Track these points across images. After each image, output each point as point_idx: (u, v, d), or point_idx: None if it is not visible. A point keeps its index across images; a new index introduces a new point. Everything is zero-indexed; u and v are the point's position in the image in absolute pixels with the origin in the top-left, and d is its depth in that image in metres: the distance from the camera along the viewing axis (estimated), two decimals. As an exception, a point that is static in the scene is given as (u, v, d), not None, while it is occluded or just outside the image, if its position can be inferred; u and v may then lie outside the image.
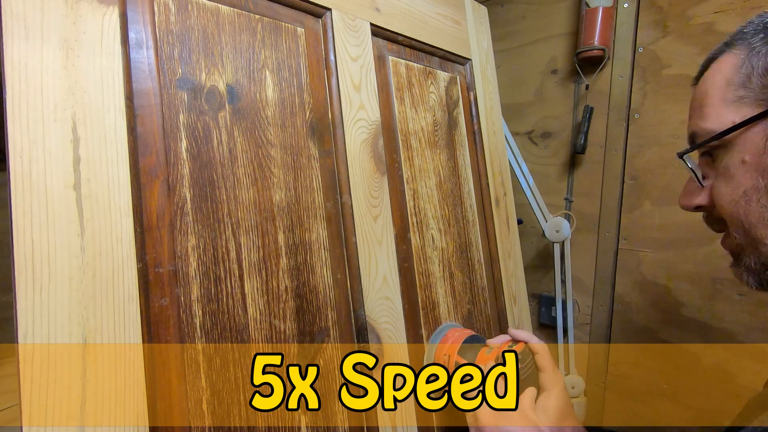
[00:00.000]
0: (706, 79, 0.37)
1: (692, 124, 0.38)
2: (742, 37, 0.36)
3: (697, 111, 0.37)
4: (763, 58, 0.33)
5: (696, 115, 0.38)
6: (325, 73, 0.55)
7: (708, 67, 0.38)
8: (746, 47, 0.34)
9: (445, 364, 0.59)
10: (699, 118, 0.37)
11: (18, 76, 0.32)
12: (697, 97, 0.38)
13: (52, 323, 0.32)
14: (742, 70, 0.34)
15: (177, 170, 0.41)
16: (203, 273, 0.41)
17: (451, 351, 0.59)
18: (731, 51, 0.36)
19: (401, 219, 0.61)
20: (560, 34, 1.04)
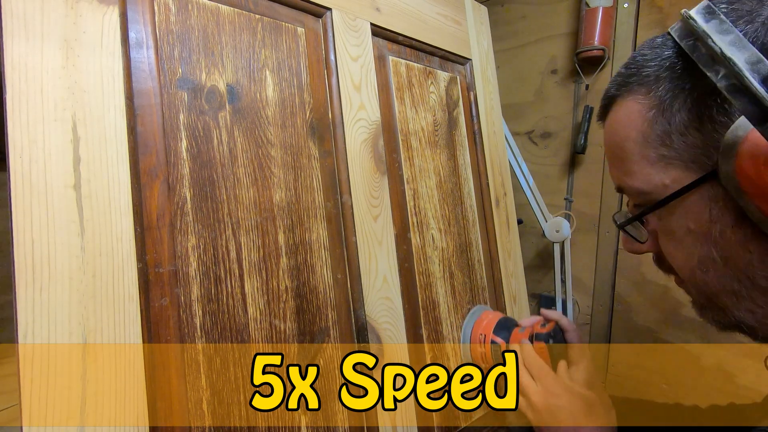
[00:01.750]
0: (616, 126, 0.34)
1: (617, 178, 0.35)
2: (642, 81, 0.31)
3: (618, 164, 0.34)
4: (678, 115, 0.29)
5: (618, 167, 0.34)
6: (325, 72, 0.55)
7: (610, 107, 0.35)
8: (653, 98, 0.30)
9: (480, 343, 0.63)
10: (624, 174, 0.33)
11: (18, 76, 0.32)
12: (611, 145, 0.34)
13: (52, 323, 0.32)
14: (657, 127, 0.30)
15: (177, 170, 0.41)
16: (203, 273, 0.41)
17: (486, 330, 0.63)
18: (633, 96, 0.32)
19: (401, 219, 0.61)
20: (560, 34, 1.04)
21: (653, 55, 0.31)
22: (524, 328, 0.59)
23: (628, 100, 0.32)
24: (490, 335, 0.63)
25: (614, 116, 0.34)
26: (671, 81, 0.29)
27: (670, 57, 0.30)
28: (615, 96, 0.34)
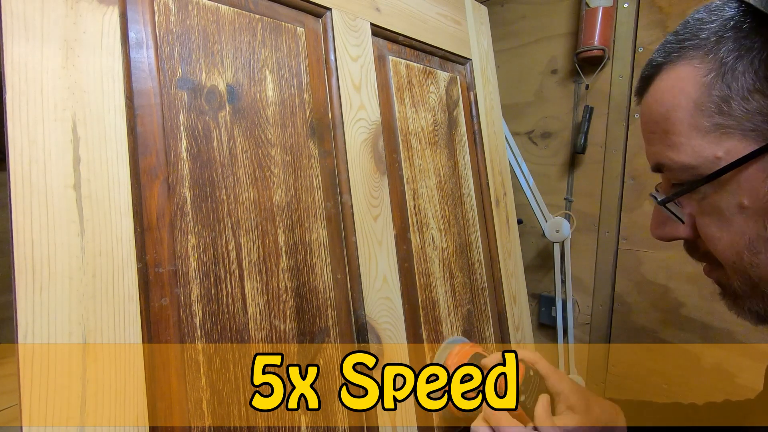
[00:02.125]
0: (663, 95, 0.31)
1: (657, 154, 0.32)
2: (699, 44, 0.29)
3: (661, 137, 0.31)
4: (742, 78, 0.27)
5: (660, 141, 0.31)
6: (325, 72, 0.55)
7: (654, 77, 0.32)
8: (712, 61, 0.28)
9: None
10: (667, 148, 0.31)
11: (18, 76, 0.32)
12: (654, 119, 0.32)
13: (52, 323, 0.32)
14: (715, 93, 0.28)
15: (177, 170, 0.41)
16: (203, 273, 0.41)
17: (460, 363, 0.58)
18: (686, 61, 0.29)
19: (401, 219, 0.61)
20: (560, 34, 1.04)
21: (713, 17, 0.29)
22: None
23: (680, 65, 0.30)
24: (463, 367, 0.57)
25: (660, 85, 0.31)
26: (736, 41, 0.27)
27: (734, 16, 0.28)
28: (662, 64, 0.31)
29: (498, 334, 0.75)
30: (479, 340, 0.71)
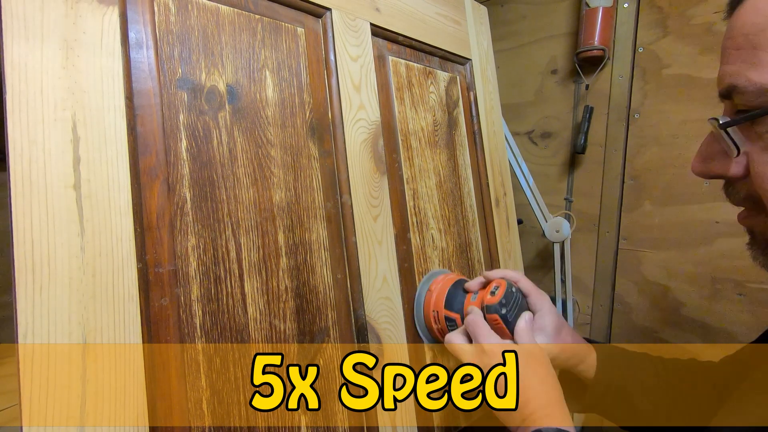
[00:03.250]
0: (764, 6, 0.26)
1: (734, 74, 0.28)
2: None
3: (746, 54, 0.27)
4: None
5: (743, 59, 0.27)
6: (325, 73, 0.55)
7: None
8: None
9: (434, 321, 0.59)
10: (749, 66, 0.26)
11: (18, 76, 0.32)
12: (745, 31, 0.27)
13: (52, 323, 0.32)
14: None
15: (177, 170, 0.41)
16: (203, 273, 0.41)
17: (438, 306, 0.59)
18: None
19: (401, 219, 0.61)
20: (560, 34, 1.04)
21: None
22: (476, 295, 0.56)
23: None
24: (442, 312, 0.58)
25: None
26: None
27: None
28: None
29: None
30: (479, 340, 0.71)
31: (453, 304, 0.58)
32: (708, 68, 0.82)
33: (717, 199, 0.82)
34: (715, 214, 0.83)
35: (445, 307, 0.58)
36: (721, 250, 0.83)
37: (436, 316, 0.59)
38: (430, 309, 0.60)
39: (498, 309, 0.50)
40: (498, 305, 0.50)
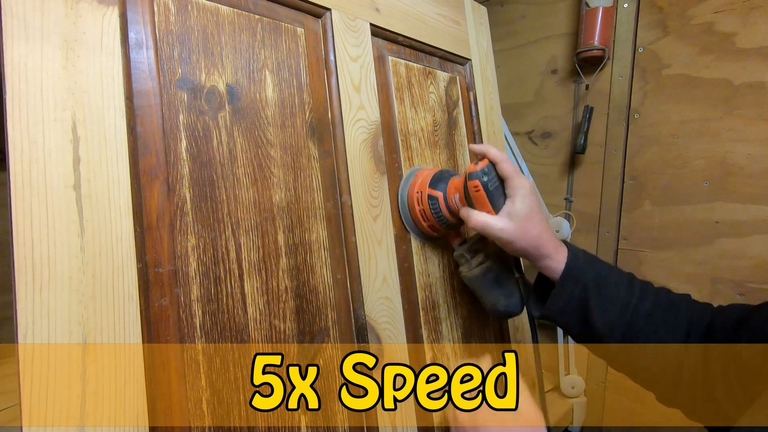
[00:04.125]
0: None
1: None
2: None
3: None
4: None
5: None
6: (324, 73, 0.55)
7: None
8: None
9: (417, 201, 0.59)
10: None
11: (18, 76, 0.32)
12: None
13: (52, 323, 0.32)
14: None
15: (177, 170, 0.41)
16: (203, 273, 0.41)
17: (422, 186, 0.59)
18: None
19: (401, 219, 0.61)
20: (560, 34, 1.04)
21: None
22: (459, 175, 0.57)
23: None
24: (426, 191, 0.58)
25: None
26: None
27: None
28: None
29: (498, 334, 0.75)
30: (479, 340, 0.71)
31: (437, 184, 0.58)
32: (708, 68, 0.82)
33: (717, 199, 0.82)
34: (715, 214, 0.83)
35: (429, 186, 0.58)
36: (721, 250, 0.83)
37: (420, 196, 0.59)
38: (414, 191, 0.60)
39: (479, 176, 0.50)
40: (480, 172, 0.50)
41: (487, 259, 0.58)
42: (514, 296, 0.57)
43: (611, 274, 0.50)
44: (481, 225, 0.51)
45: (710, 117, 0.82)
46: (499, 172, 0.51)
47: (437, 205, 0.57)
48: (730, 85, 0.79)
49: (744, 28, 0.77)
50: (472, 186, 0.51)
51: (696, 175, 0.84)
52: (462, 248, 0.60)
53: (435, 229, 0.61)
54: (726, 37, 0.79)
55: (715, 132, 0.82)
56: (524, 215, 0.49)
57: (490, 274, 0.57)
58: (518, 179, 0.50)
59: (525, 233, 0.49)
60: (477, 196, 0.51)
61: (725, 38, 0.79)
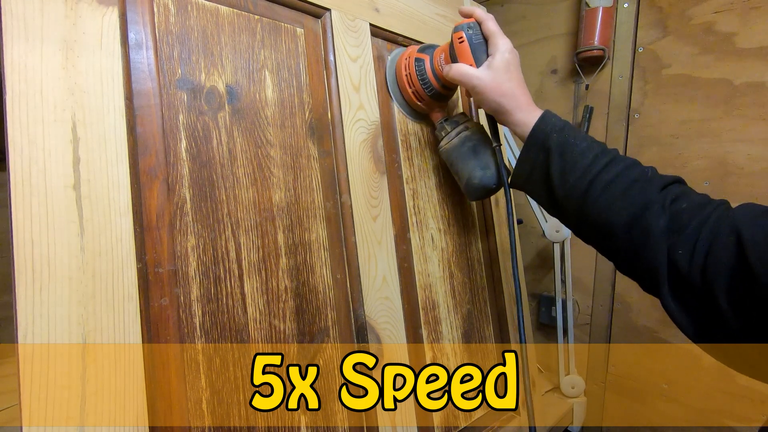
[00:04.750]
0: None
1: None
2: None
3: None
4: None
5: None
6: (324, 73, 0.55)
7: None
8: None
9: (405, 67, 0.61)
10: None
11: (18, 76, 0.32)
12: None
13: (52, 323, 0.32)
14: None
15: (177, 170, 0.41)
16: (203, 273, 0.41)
17: (410, 53, 0.61)
18: None
19: (401, 219, 0.61)
20: (560, 34, 1.04)
21: None
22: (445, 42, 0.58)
23: None
24: (414, 55, 0.60)
25: None
26: None
27: None
28: None
29: (498, 334, 0.75)
30: (479, 340, 0.71)
31: (425, 50, 0.60)
32: (708, 68, 0.82)
33: (717, 198, 0.82)
34: (715, 214, 0.83)
35: (417, 51, 0.60)
36: (721, 249, 0.83)
37: (408, 62, 0.61)
38: (403, 57, 0.62)
39: (464, 27, 0.53)
40: (465, 25, 0.53)
41: (467, 130, 0.59)
42: (490, 168, 0.57)
43: (581, 142, 0.47)
44: (460, 73, 0.53)
45: (710, 117, 0.82)
46: (483, 30, 0.53)
47: (423, 67, 0.59)
48: (730, 85, 0.79)
49: (744, 28, 0.77)
50: (457, 38, 0.53)
51: (696, 175, 0.84)
52: (444, 122, 0.61)
53: (420, 97, 0.61)
54: (726, 37, 0.79)
55: (715, 132, 0.82)
56: (502, 68, 0.51)
57: (469, 143, 0.58)
58: (500, 38, 0.53)
59: (500, 84, 0.51)
60: (460, 48, 0.53)
61: (725, 38, 0.79)
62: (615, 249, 0.45)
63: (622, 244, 0.43)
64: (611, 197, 0.43)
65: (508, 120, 0.52)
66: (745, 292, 0.34)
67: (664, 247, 0.39)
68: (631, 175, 0.43)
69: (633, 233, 0.42)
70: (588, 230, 0.47)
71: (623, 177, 0.43)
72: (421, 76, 0.59)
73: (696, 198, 0.41)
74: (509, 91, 0.51)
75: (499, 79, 0.51)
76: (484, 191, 0.58)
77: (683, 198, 0.41)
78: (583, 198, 0.45)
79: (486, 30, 0.53)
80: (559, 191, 0.47)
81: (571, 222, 0.49)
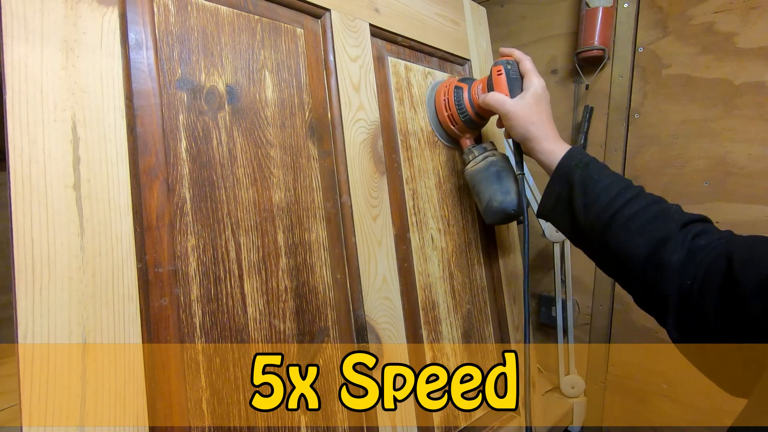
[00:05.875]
0: None
1: None
2: None
3: None
4: None
5: None
6: (324, 73, 0.55)
7: None
8: None
9: (444, 93, 0.66)
10: None
11: (18, 76, 0.32)
12: None
13: (52, 323, 0.32)
14: None
15: (176, 170, 0.41)
16: (203, 273, 0.41)
17: (451, 81, 0.66)
18: None
19: (401, 219, 0.61)
20: (560, 34, 1.04)
21: None
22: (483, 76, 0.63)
23: None
24: (454, 83, 0.65)
25: None
26: None
27: None
28: None
29: (498, 334, 0.75)
30: (479, 340, 0.71)
31: (465, 80, 0.65)
32: (708, 68, 0.82)
33: (717, 199, 0.82)
34: (715, 215, 0.83)
35: (458, 81, 0.65)
36: (722, 250, 0.83)
37: (447, 88, 0.65)
38: (444, 85, 0.67)
39: (504, 63, 0.59)
40: (504, 61, 0.59)
41: (493, 156, 0.62)
42: (511, 194, 0.60)
43: (604, 178, 0.49)
44: (495, 99, 0.57)
45: (710, 117, 0.82)
46: (520, 69, 0.59)
47: (461, 94, 0.64)
48: (730, 85, 0.79)
49: (744, 28, 0.77)
50: (495, 71, 0.59)
51: (696, 175, 0.84)
52: (472, 147, 0.64)
53: (453, 121, 0.66)
54: (726, 37, 0.79)
55: (715, 132, 0.82)
56: (533, 101, 0.56)
57: (494, 168, 0.61)
58: (535, 77, 0.57)
59: (530, 113, 0.55)
60: (498, 79, 0.58)
61: (725, 38, 0.79)
62: (631, 281, 0.46)
63: (637, 276, 0.44)
64: (631, 231, 0.44)
65: (535, 147, 0.55)
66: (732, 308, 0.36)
67: (676, 282, 0.40)
68: (653, 211, 0.45)
69: (648, 267, 0.43)
70: (607, 261, 0.49)
71: (645, 212, 0.45)
72: (458, 102, 0.64)
73: (715, 234, 0.42)
74: (538, 120, 0.55)
75: (530, 109, 0.55)
76: (503, 215, 0.60)
77: (704, 235, 0.42)
78: (603, 230, 0.46)
79: (523, 68, 0.58)
80: (582, 223, 0.49)
81: (592, 253, 0.51)
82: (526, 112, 0.55)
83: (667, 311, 0.41)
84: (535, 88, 0.56)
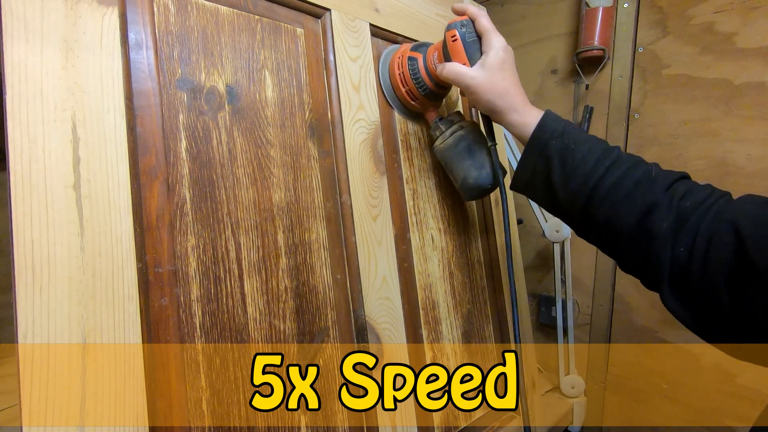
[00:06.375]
0: None
1: None
2: None
3: None
4: None
5: None
6: (324, 73, 0.55)
7: None
8: None
9: (398, 66, 0.60)
10: None
11: (18, 76, 0.32)
12: None
13: (52, 323, 0.32)
14: None
15: (177, 170, 0.41)
16: (203, 273, 0.41)
17: (404, 51, 0.60)
18: None
19: (401, 219, 0.61)
20: (560, 34, 1.04)
21: None
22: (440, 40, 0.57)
23: None
24: (407, 53, 0.59)
25: None
26: None
27: None
28: None
29: (498, 334, 0.75)
30: (479, 340, 0.71)
31: (418, 48, 0.59)
32: (708, 68, 0.82)
33: (717, 198, 0.82)
34: (715, 214, 0.83)
35: (410, 50, 0.59)
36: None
37: (401, 60, 0.60)
38: (396, 56, 0.61)
39: (457, 26, 0.52)
40: (458, 23, 0.52)
41: (462, 129, 0.58)
42: (485, 168, 0.57)
43: (581, 146, 0.46)
44: (454, 73, 0.52)
45: (710, 117, 0.82)
46: (477, 27, 0.52)
47: (416, 65, 0.58)
48: (730, 85, 0.79)
49: (744, 28, 0.77)
50: (450, 36, 0.52)
51: (696, 175, 0.84)
52: (438, 122, 0.61)
53: (413, 96, 0.61)
54: (726, 37, 0.79)
55: (715, 132, 0.82)
56: (496, 66, 0.50)
57: (464, 142, 0.58)
58: (494, 36, 0.51)
59: (494, 83, 0.50)
60: (454, 46, 0.52)
61: (725, 38, 0.79)
62: (619, 249, 0.45)
63: (626, 245, 0.43)
64: (615, 201, 0.43)
65: (504, 120, 0.51)
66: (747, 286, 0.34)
67: (668, 247, 0.39)
68: (635, 177, 0.43)
69: (638, 236, 0.41)
70: (591, 233, 0.47)
71: (627, 179, 0.43)
72: (414, 75, 0.58)
73: (700, 194, 0.41)
74: (503, 90, 0.50)
75: (493, 78, 0.50)
76: (479, 191, 0.58)
77: (688, 196, 0.41)
78: (586, 203, 0.45)
79: (479, 27, 0.52)
80: (562, 197, 0.47)
81: (575, 224, 0.49)
82: (489, 82, 0.50)
83: (661, 278, 0.40)
84: (496, 50, 0.51)
